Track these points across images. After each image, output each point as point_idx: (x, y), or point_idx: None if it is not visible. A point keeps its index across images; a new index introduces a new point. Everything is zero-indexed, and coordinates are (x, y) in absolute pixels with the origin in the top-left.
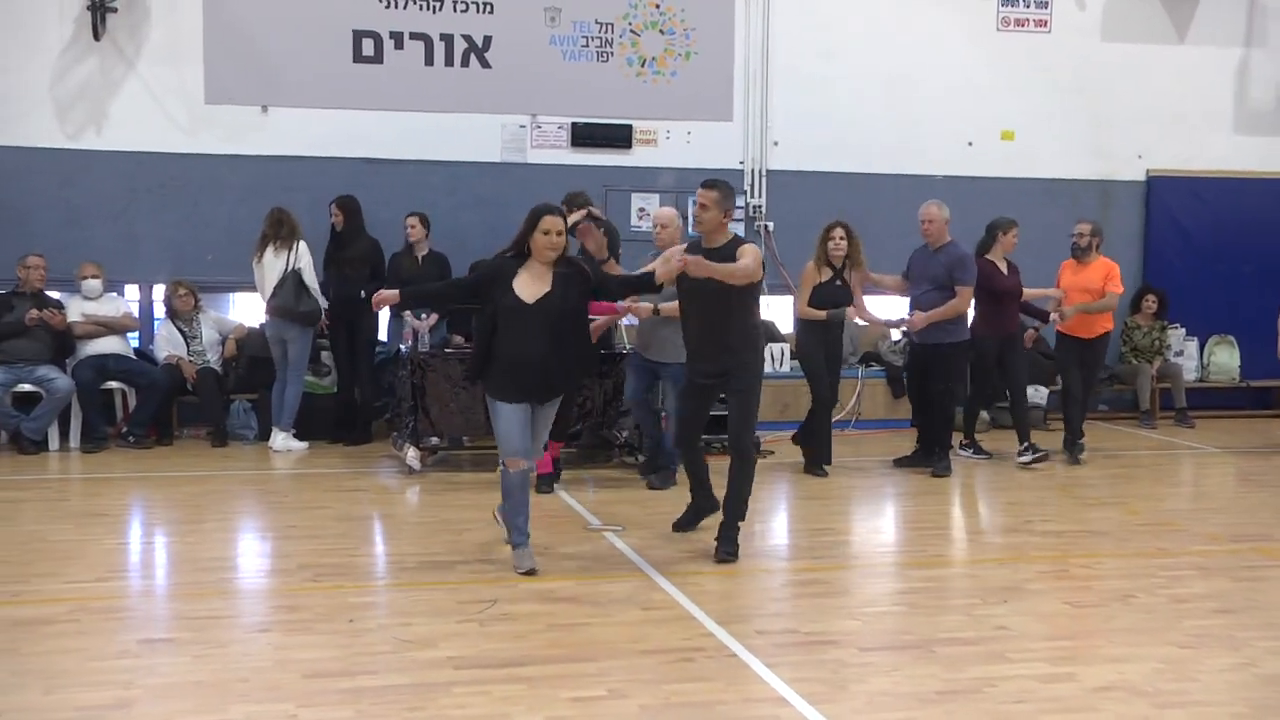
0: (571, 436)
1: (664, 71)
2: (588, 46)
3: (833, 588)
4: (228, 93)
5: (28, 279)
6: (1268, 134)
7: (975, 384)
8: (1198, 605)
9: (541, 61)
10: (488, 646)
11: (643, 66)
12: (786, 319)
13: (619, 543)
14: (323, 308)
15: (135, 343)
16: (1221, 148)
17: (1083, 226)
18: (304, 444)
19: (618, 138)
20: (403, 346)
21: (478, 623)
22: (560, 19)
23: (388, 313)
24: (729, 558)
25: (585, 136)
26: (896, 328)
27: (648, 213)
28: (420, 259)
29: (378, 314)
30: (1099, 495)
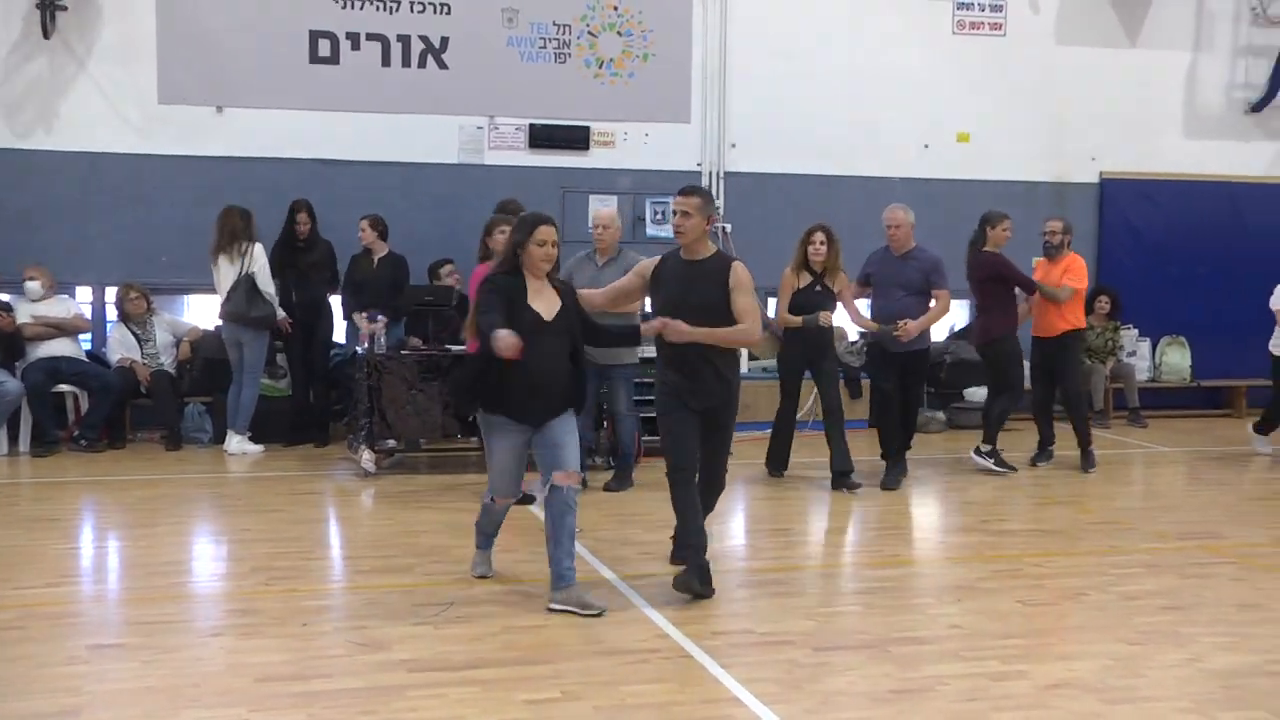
0: None
1: (621, 73)
2: (545, 48)
3: (789, 588)
4: (182, 93)
5: None
6: (1216, 137)
7: (1016, 387)
8: (1147, 602)
9: (499, 63)
10: (443, 649)
11: (600, 68)
12: None
13: (576, 545)
14: (277, 313)
15: (88, 345)
16: (1172, 151)
17: (1054, 224)
18: (259, 447)
19: (575, 139)
20: (359, 349)
21: (433, 625)
22: (518, 20)
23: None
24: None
25: (543, 138)
26: (889, 336)
27: None
28: (376, 261)
29: (333, 318)
30: (1053, 494)
